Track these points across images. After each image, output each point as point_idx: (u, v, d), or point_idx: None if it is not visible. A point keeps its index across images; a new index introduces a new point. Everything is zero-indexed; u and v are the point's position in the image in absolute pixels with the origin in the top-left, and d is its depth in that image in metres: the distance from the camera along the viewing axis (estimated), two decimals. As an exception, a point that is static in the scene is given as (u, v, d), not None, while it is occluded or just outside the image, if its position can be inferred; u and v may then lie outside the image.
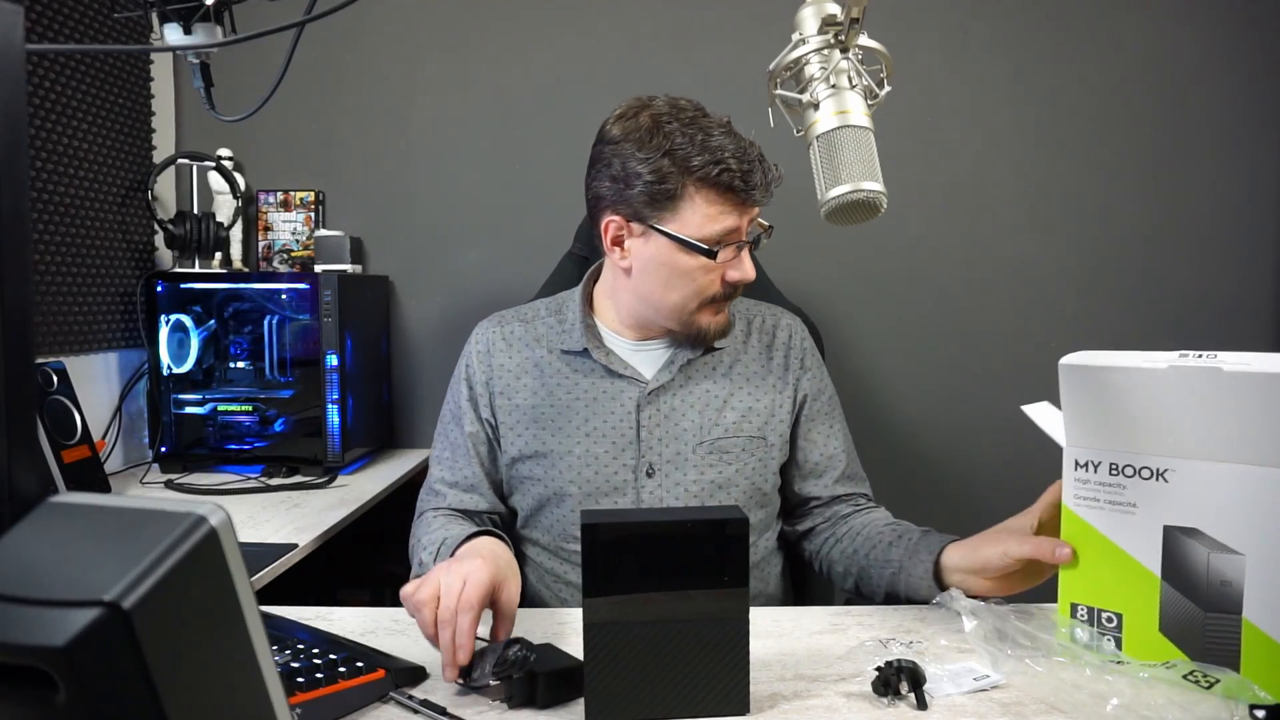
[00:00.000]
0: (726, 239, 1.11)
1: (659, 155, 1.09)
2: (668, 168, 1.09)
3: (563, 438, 1.19)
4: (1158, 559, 0.86)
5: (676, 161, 1.08)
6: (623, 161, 1.11)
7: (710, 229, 1.10)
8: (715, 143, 1.09)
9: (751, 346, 1.26)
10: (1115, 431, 0.88)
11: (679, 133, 1.09)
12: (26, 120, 0.37)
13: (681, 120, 1.10)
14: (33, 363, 0.38)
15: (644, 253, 1.14)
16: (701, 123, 1.11)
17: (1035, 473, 2.08)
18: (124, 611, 0.31)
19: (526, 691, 0.82)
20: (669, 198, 1.10)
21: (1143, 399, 0.85)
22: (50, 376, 1.57)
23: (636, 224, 1.13)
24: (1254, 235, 2.07)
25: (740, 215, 1.11)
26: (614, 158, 1.12)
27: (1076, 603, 0.92)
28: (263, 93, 0.97)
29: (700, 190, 1.09)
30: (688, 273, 1.13)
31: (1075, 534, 0.92)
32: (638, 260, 1.15)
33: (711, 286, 1.13)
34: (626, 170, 1.11)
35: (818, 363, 1.30)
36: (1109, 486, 0.89)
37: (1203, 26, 2.05)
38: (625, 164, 1.11)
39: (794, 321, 1.31)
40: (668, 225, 1.11)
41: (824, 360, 1.35)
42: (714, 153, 1.08)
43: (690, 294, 1.14)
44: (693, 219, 1.10)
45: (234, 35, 0.96)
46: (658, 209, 1.11)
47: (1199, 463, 0.84)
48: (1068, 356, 0.88)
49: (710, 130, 1.10)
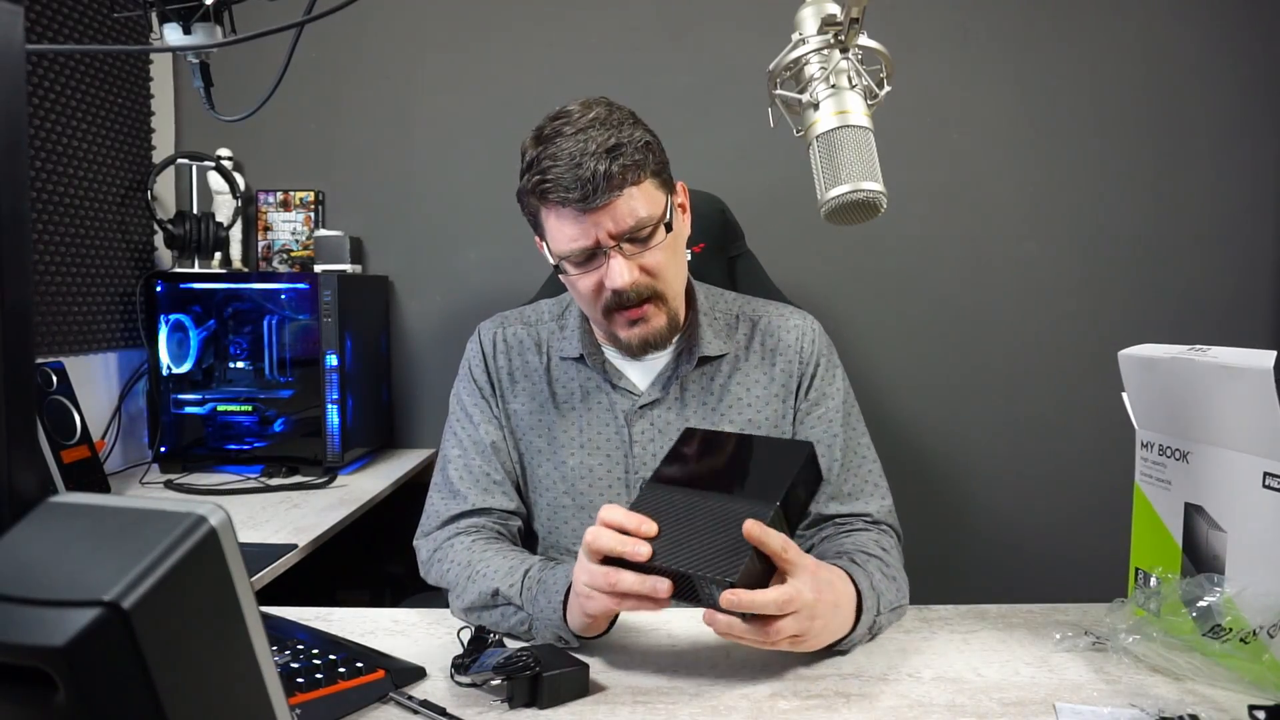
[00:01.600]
0: (587, 252, 1.05)
1: (522, 179, 1.07)
2: (525, 193, 1.07)
3: (557, 447, 1.17)
4: (1180, 532, 0.96)
5: (528, 186, 1.06)
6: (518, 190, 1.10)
7: (563, 246, 1.06)
8: (551, 154, 1.03)
9: (753, 354, 1.19)
10: (1157, 415, 0.99)
11: (531, 152, 1.06)
12: (26, 120, 0.37)
13: (539, 137, 1.06)
14: (33, 363, 0.38)
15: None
16: (554, 136, 1.04)
17: (1034, 472, 2.10)
18: (124, 611, 0.31)
19: (528, 692, 0.82)
20: (535, 221, 1.10)
21: (1172, 387, 0.95)
22: (50, 376, 1.57)
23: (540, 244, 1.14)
24: (1253, 234, 2.07)
25: (589, 224, 1.03)
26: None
27: (1139, 567, 1.01)
28: (263, 93, 0.97)
29: (548, 209, 1.06)
30: (574, 285, 1.10)
31: (1140, 507, 1.01)
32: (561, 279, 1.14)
33: (598, 296, 1.08)
34: (518, 197, 1.11)
35: (827, 367, 1.20)
36: (1156, 465, 0.99)
37: (1202, 26, 2.05)
38: (518, 192, 1.10)
39: (804, 322, 1.22)
40: (545, 245, 1.11)
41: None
42: (545, 170, 1.03)
43: (588, 305, 1.11)
44: (554, 237, 1.07)
45: (234, 35, 0.96)
46: (537, 229, 1.11)
47: (1207, 446, 0.93)
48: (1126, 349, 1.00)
49: (558, 141, 1.03)
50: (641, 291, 1.07)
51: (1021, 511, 2.11)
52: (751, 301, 1.25)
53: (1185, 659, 0.86)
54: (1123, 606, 0.95)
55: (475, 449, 1.18)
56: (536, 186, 1.04)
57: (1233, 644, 0.84)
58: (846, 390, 1.21)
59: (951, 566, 2.12)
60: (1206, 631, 0.86)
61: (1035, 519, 2.10)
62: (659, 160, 1.09)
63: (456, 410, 1.22)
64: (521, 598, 0.96)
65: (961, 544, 2.12)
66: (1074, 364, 2.07)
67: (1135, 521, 1.01)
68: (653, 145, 1.08)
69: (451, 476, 1.16)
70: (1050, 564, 2.08)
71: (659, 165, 1.09)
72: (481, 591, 1.00)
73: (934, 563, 2.11)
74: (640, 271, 1.06)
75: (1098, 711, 0.80)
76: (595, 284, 1.07)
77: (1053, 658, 0.93)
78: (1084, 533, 2.04)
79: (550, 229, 1.07)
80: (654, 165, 1.07)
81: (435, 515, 1.15)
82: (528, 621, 0.96)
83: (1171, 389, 0.95)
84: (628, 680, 0.88)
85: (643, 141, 1.05)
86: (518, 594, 0.97)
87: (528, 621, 0.96)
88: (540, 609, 0.95)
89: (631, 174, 1.03)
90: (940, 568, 2.11)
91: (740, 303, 1.25)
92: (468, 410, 1.20)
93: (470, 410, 1.20)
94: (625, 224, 1.04)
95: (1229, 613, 0.86)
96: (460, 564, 1.05)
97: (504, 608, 0.98)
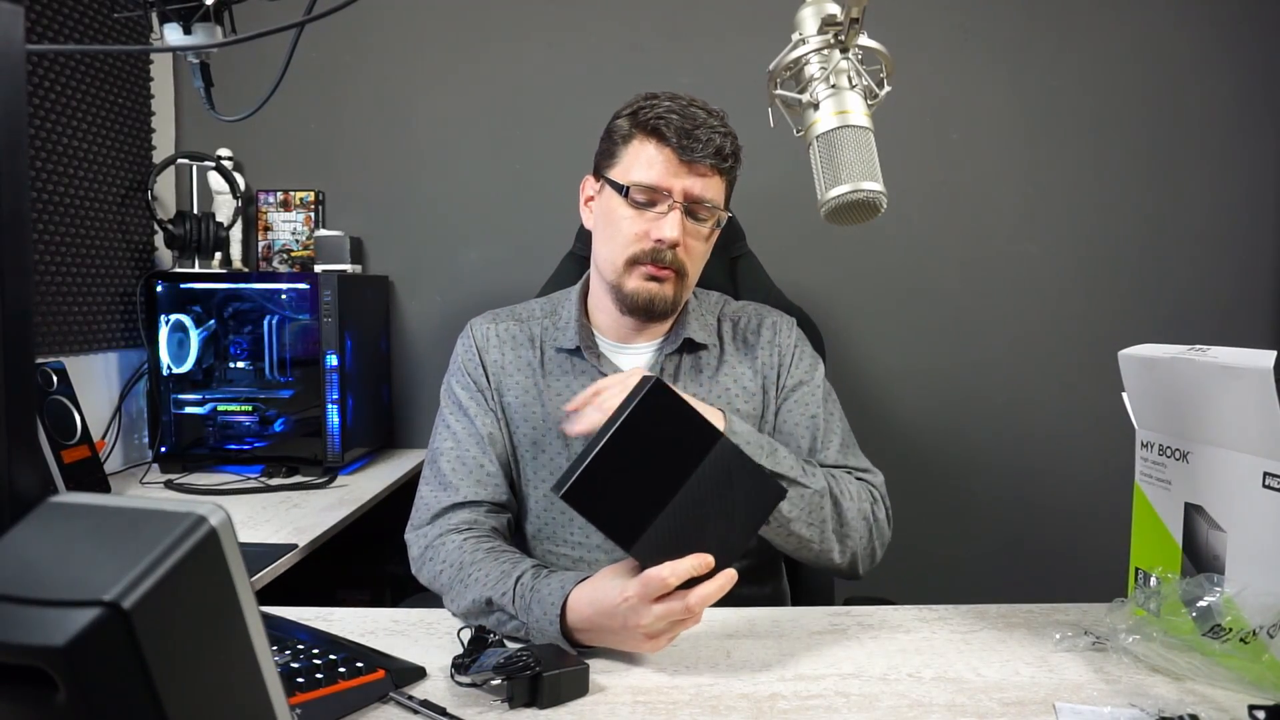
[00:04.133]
0: (657, 194, 1.13)
1: (627, 112, 1.17)
2: (624, 118, 1.17)
3: (552, 438, 1.18)
4: (1180, 532, 0.96)
5: (633, 114, 1.16)
6: (607, 126, 1.20)
7: (641, 175, 1.13)
8: (668, 106, 1.13)
9: (736, 349, 1.24)
10: (1157, 415, 0.99)
11: (640, 102, 1.16)
12: (26, 120, 0.37)
13: (667, 96, 1.15)
14: (33, 363, 0.38)
15: (598, 207, 1.20)
16: (669, 98, 1.15)
17: (1034, 472, 2.10)
18: (124, 611, 0.31)
19: (528, 692, 0.82)
20: (616, 144, 1.17)
21: (1172, 387, 0.95)
22: (50, 376, 1.57)
23: (594, 179, 1.21)
24: (1252, 234, 2.07)
25: (675, 172, 1.12)
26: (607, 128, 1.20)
27: (1139, 567, 1.01)
28: (263, 93, 0.97)
29: (640, 137, 1.14)
30: (618, 222, 1.15)
31: (1140, 507, 1.01)
32: (595, 216, 1.21)
33: (638, 241, 1.14)
34: (605, 131, 1.20)
35: (804, 357, 1.25)
36: (1156, 465, 0.99)
37: (1201, 26, 2.05)
38: (607, 127, 1.20)
39: (781, 319, 1.28)
40: (610, 172, 1.17)
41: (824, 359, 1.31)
42: (662, 111, 1.13)
43: (619, 246, 1.15)
44: (630, 164, 1.15)
45: (234, 35, 0.96)
46: (608, 158, 1.18)
47: (1207, 446, 0.93)
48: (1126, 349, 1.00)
49: (677, 99, 1.14)
50: (673, 259, 1.14)
51: (1021, 511, 2.11)
52: (732, 303, 1.32)
53: (1185, 659, 0.86)
54: (1123, 606, 0.95)
55: (470, 440, 1.18)
56: (645, 115, 1.13)
57: (1233, 644, 0.84)
58: (828, 387, 1.26)
59: (951, 566, 2.12)
60: (1206, 631, 0.86)
61: (1035, 519, 2.10)
62: (735, 175, 1.19)
63: (449, 403, 1.22)
64: (514, 606, 0.96)
65: (961, 544, 2.13)
66: (1074, 364, 2.07)
67: (1135, 521, 1.01)
68: (739, 158, 1.18)
69: (444, 468, 1.16)
70: (1050, 564, 2.08)
71: (733, 179, 1.20)
72: (475, 599, 0.99)
73: (934, 563, 2.11)
74: (682, 242, 1.13)
75: (1098, 711, 0.80)
76: (642, 228, 1.14)
77: (1052, 657, 0.93)
78: (1084, 533, 2.04)
79: (631, 157, 1.15)
80: (736, 173, 1.19)
81: (426, 508, 1.14)
82: (523, 629, 0.96)
83: (1171, 389, 0.95)
84: (628, 680, 0.88)
85: (738, 149, 1.17)
86: (510, 603, 0.96)
87: (523, 629, 0.96)
88: (535, 619, 0.94)
89: (725, 163, 1.14)
90: (940, 568, 2.12)
91: (722, 303, 1.31)
92: (462, 403, 1.20)
93: (465, 403, 1.20)
94: (701, 194, 1.13)
95: (1229, 613, 0.86)
96: (452, 566, 1.05)
97: (498, 614, 0.98)
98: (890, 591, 1.29)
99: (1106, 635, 0.92)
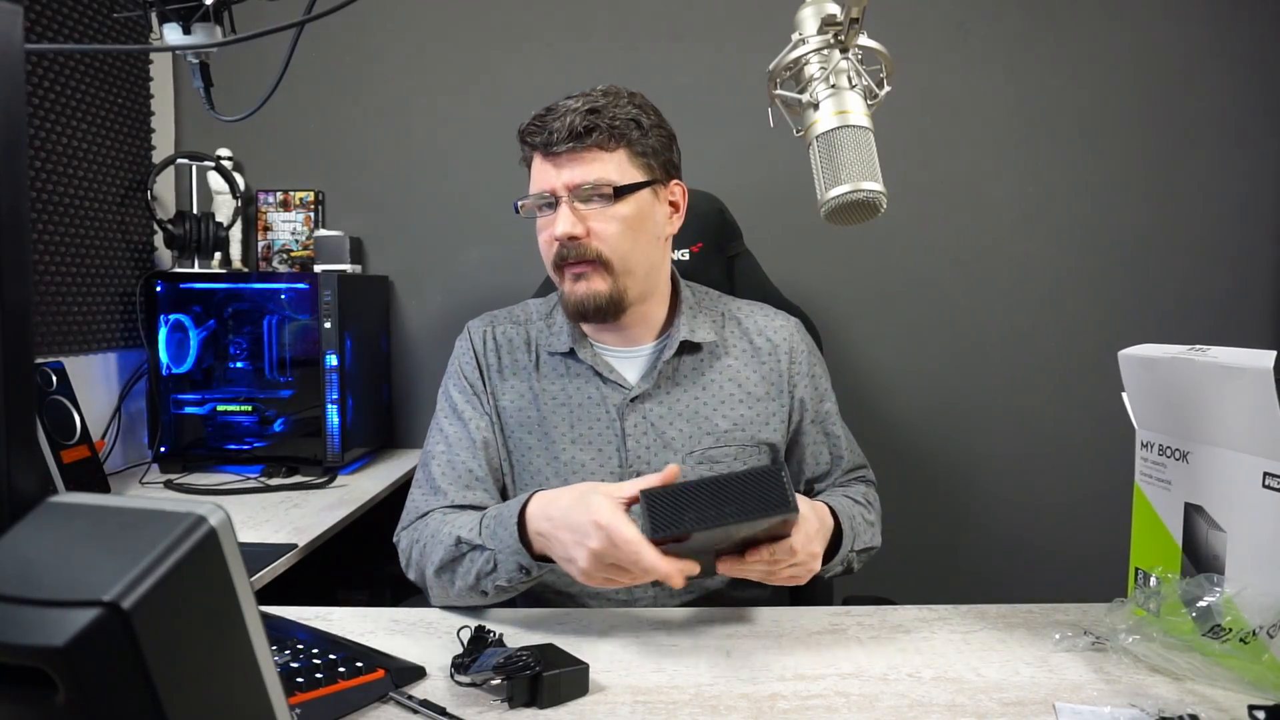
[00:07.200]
0: (544, 199, 1.12)
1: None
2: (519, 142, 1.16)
3: (549, 443, 1.17)
4: (1180, 532, 0.96)
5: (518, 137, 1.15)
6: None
7: (533, 187, 1.14)
8: (546, 107, 1.12)
9: (741, 350, 1.22)
10: (1157, 415, 0.99)
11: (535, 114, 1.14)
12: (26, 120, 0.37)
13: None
14: (32, 363, 0.38)
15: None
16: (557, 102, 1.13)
17: (1034, 472, 2.10)
18: (123, 611, 0.31)
19: (528, 691, 0.82)
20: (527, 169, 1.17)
21: (1172, 387, 0.95)
22: (50, 376, 1.57)
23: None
24: (1252, 234, 2.07)
25: (549, 172, 1.11)
26: None
27: (1139, 567, 1.01)
28: (262, 93, 0.97)
29: (527, 154, 1.15)
30: (539, 237, 1.16)
31: (1140, 507, 1.01)
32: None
33: (550, 247, 1.14)
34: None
35: (813, 364, 1.26)
36: (1156, 464, 0.99)
37: (1200, 26, 2.05)
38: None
39: (788, 322, 1.26)
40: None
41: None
42: (532, 118, 1.12)
43: (545, 260, 1.16)
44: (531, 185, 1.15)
45: (234, 35, 0.96)
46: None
47: (1207, 446, 0.93)
48: (1126, 349, 1.00)
49: (554, 105, 1.12)
50: (583, 251, 1.10)
51: (1021, 511, 2.11)
52: (735, 302, 1.30)
53: (1185, 659, 0.86)
54: (1123, 606, 0.96)
55: (461, 445, 1.18)
56: (520, 133, 1.13)
57: (1232, 644, 0.84)
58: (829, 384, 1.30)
59: (951, 566, 2.12)
60: (1206, 631, 0.86)
61: (1035, 519, 2.10)
62: (646, 143, 1.13)
63: (444, 407, 1.23)
64: (481, 536, 1.00)
65: (961, 544, 2.12)
66: (1074, 364, 2.07)
67: (1135, 521, 1.01)
68: (643, 125, 1.12)
69: (434, 473, 1.17)
70: (1050, 564, 2.08)
71: (644, 147, 1.12)
72: (445, 545, 1.03)
73: (934, 562, 2.11)
74: (586, 232, 1.10)
75: (1098, 711, 0.80)
76: (549, 235, 1.13)
77: (1052, 658, 0.93)
78: (1084, 533, 2.04)
79: (531, 175, 1.15)
80: (637, 144, 1.12)
81: (414, 510, 1.16)
82: (492, 559, 0.99)
83: (1171, 389, 0.95)
84: (628, 680, 0.88)
85: (630, 117, 1.11)
86: (477, 535, 1.01)
87: (492, 559, 0.99)
88: (501, 542, 0.98)
89: (601, 137, 1.09)
90: (940, 567, 2.12)
91: (725, 302, 1.29)
92: (457, 407, 1.21)
93: (460, 407, 1.21)
94: (582, 179, 1.09)
95: (1229, 613, 0.86)
96: (429, 533, 1.08)
97: (470, 554, 1.01)
98: (890, 591, 1.29)
99: (1106, 635, 0.92)
